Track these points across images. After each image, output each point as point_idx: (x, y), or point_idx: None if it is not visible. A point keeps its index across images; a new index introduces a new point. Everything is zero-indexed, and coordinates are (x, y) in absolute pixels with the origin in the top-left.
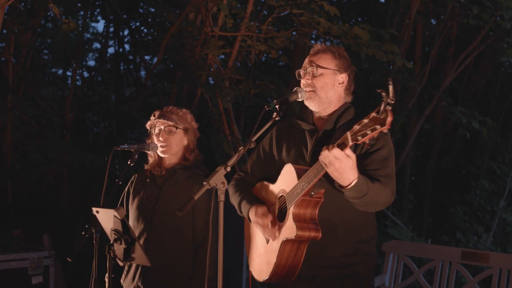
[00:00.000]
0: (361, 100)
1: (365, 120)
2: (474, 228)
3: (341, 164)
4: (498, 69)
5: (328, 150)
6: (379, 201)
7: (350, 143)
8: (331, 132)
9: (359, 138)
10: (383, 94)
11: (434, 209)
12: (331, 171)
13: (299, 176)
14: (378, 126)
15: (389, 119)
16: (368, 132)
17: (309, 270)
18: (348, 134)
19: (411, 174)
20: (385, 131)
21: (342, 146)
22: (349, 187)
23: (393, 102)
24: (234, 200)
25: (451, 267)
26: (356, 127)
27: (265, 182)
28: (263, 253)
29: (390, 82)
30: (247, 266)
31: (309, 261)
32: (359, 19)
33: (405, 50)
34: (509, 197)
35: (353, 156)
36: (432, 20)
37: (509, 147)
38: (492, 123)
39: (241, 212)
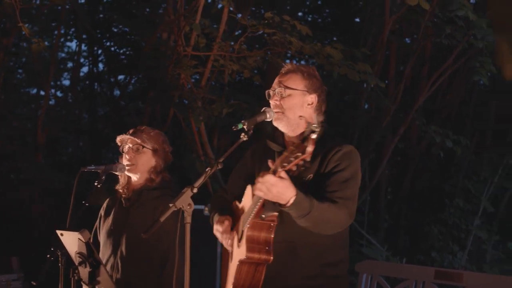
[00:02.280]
0: (335, 120)
1: (292, 147)
2: (449, 246)
3: (278, 189)
4: (472, 88)
5: (261, 177)
6: (330, 221)
7: (280, 170)
8: None
9: (285, 165)
10: (308, 121)
11: (409, 228)
12: (270, 198)
13: (252, 197)
14: (299, 154)
15: (309, 148)
16: (292, 159)
17: None
18: (278, 161)
19: (387, 193)
20: (307, 159)
21: (274, 173)
22: (288, 205)
23: (317, 130)
24: (211, 217)
25: (425, 286)
26: (285, 153)
27: (236, 202)
28: (230, 275)
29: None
30: None
31: (270, 284)
32: (334, 39)
33: (379, 69)
34: (483, 216)
35: (287, 177)
36: (407, 39)
37: (483, 166)
38: (466, 142)
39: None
